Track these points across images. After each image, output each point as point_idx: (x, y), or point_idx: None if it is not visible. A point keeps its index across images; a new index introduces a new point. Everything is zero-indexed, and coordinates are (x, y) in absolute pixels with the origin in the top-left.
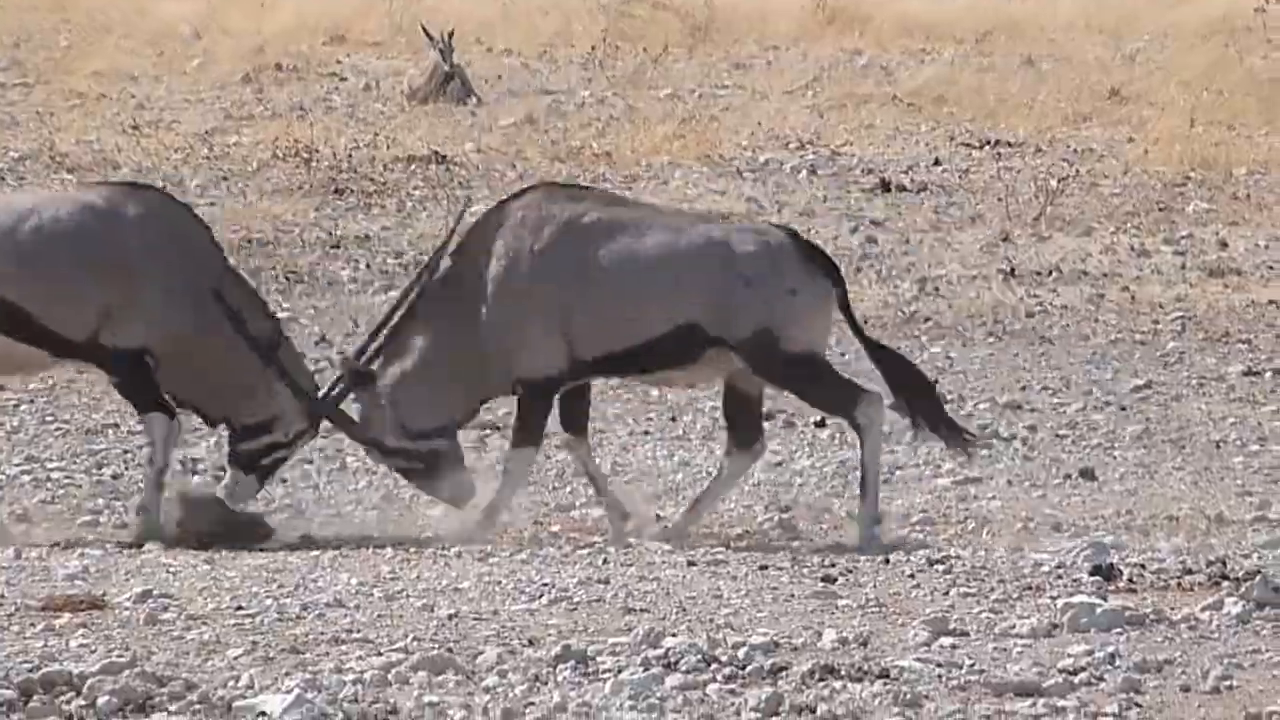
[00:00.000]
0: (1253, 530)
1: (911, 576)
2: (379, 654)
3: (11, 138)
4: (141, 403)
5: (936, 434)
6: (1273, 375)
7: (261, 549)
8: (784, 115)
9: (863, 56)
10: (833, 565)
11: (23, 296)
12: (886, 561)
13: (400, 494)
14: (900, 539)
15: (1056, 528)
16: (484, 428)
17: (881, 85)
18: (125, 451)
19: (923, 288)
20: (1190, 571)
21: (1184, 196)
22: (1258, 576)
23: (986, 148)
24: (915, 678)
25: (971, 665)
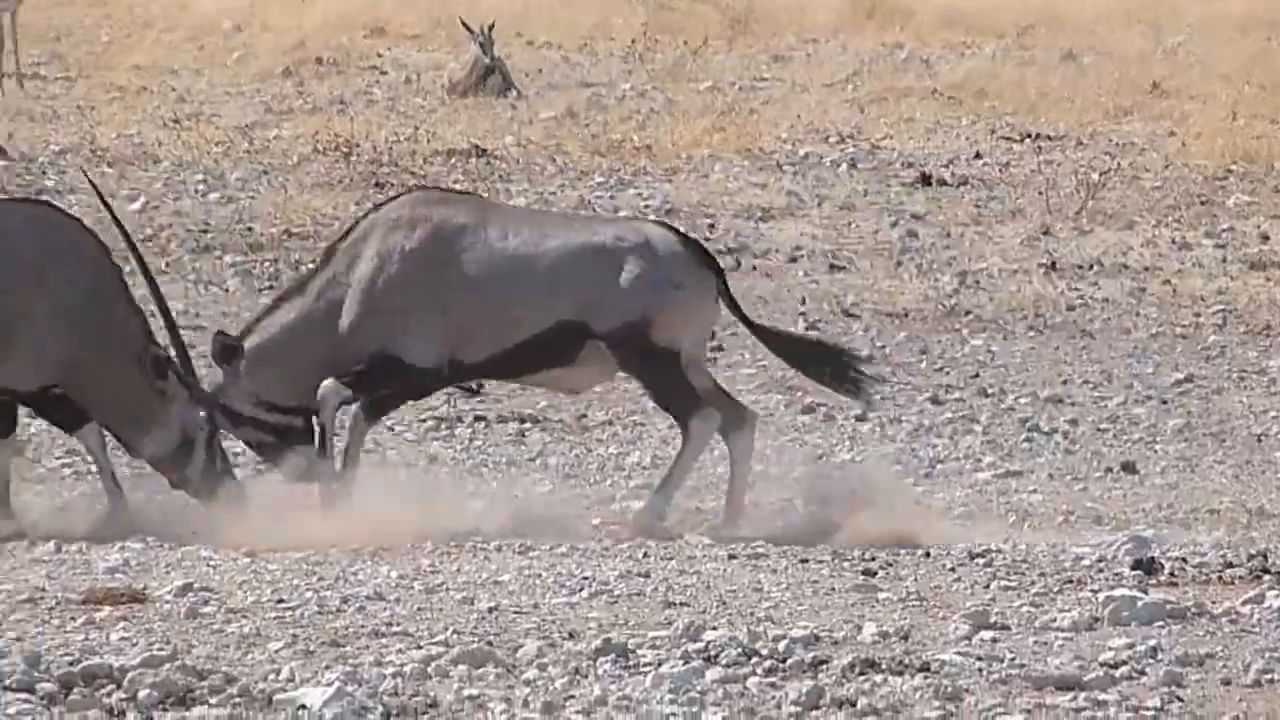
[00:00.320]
0: None
1: (952, 570)
2: (419, 647)
3: (53, 131)
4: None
5: (851, 392)
6: None
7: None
8: (824, 108)
9: (903, 50)
10: (873, 559)
11: None
12: (927, 555)
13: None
14: (940, 532)
15: (1097, 521)
16: (522, 420)
17: (922, 79)
18: None
19: (963, 281)
20: (1231, 565)
21: (1225, 190)
22: None
23: (1027, 141)
24: (956, 671)
25: (1012, 659)
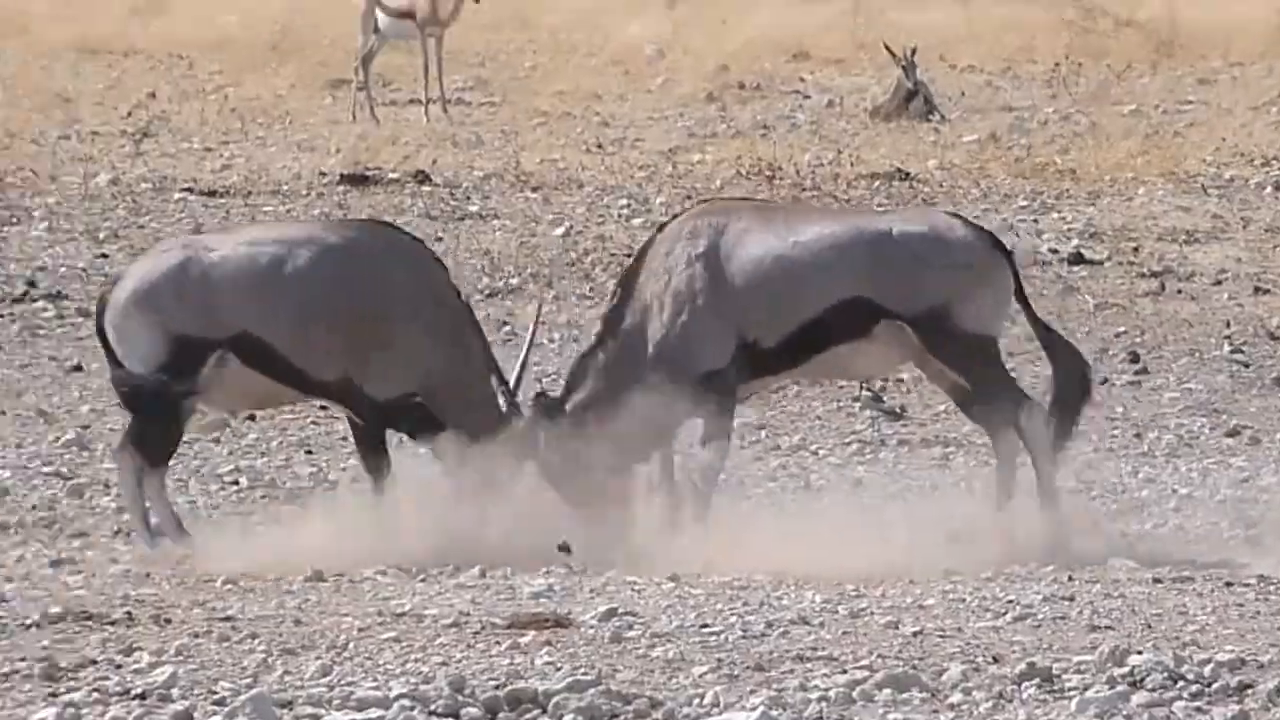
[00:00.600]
0: None
1: None
2: (843, 671)
3: (477, 156)
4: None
5: (1060, 430)
6: None
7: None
8: (1249, 131)
9: None
10: None
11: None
12: None
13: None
14: None
15: None
16: (946, 444)
17: None
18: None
19: None
20: None
21: None
22: None
23: None
24: None
25: None
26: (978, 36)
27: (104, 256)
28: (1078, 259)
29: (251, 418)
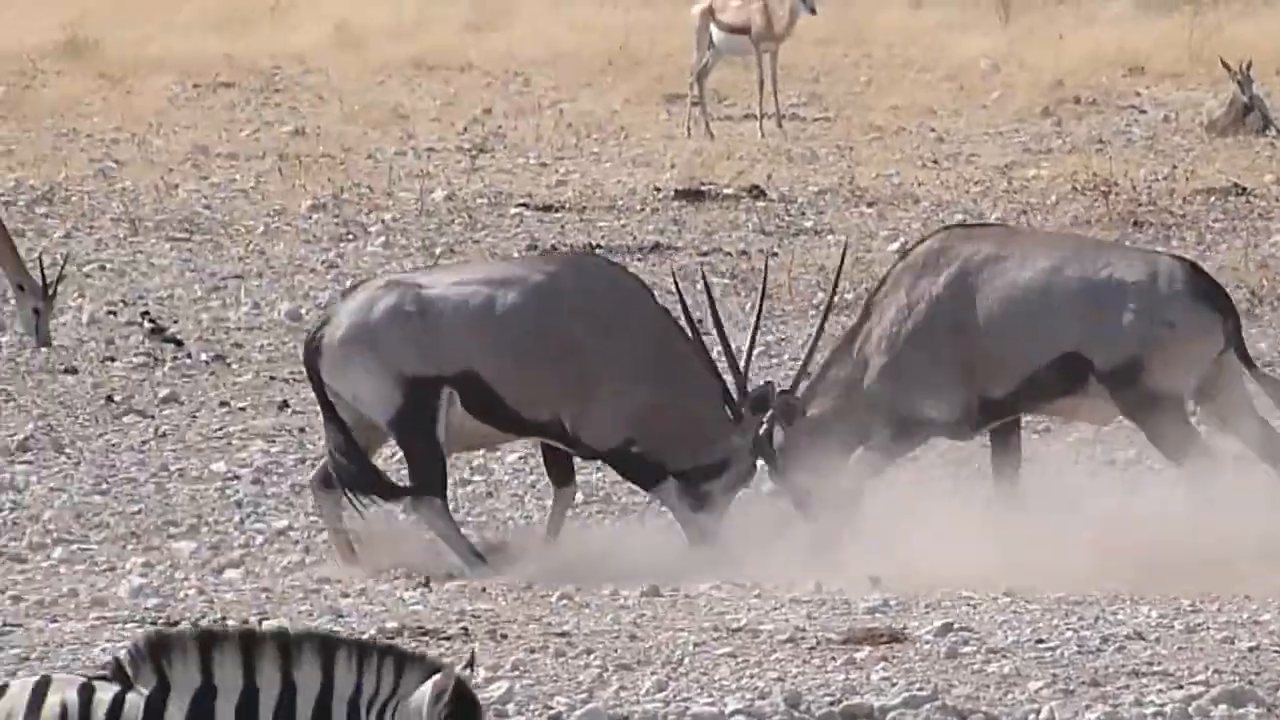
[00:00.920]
0: None
1: None
2: (1179, 687)
3: (812, 171)
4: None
5: None
6: None
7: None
8: None
9: None
10: None
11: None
12: None
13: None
14: None
15: None
16: None
17: None
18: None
19: None
20: None
21: None
22: None
23: None
24: None
25: None
26: None
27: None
28: None
29: None
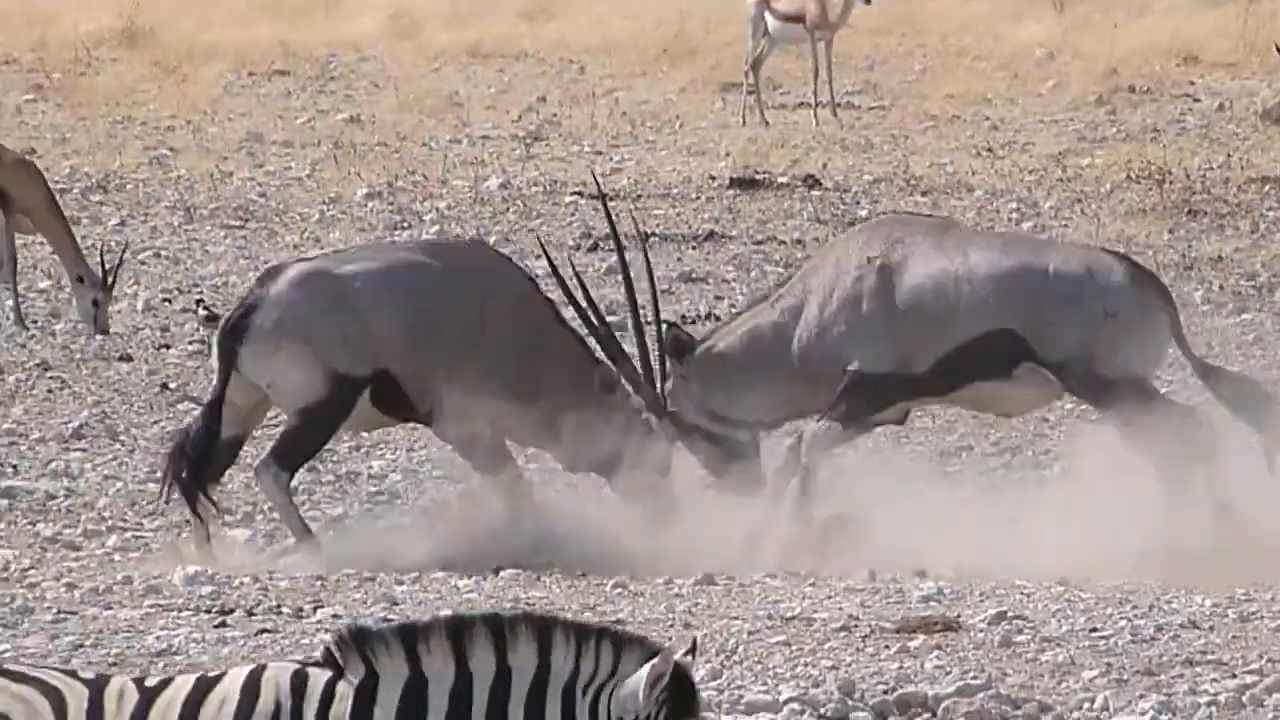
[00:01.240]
0: None
1: None
2: (1233, 676)
3: (867, 161)
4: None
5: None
6: None
7: None
8: None
9: None
10: None
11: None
12: None
13: None
14: None
15: None
16: None
17: None
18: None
19: None
20: None
21: None
22: None
23: None
24: None
25: None
26: None
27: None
28: None
29: None
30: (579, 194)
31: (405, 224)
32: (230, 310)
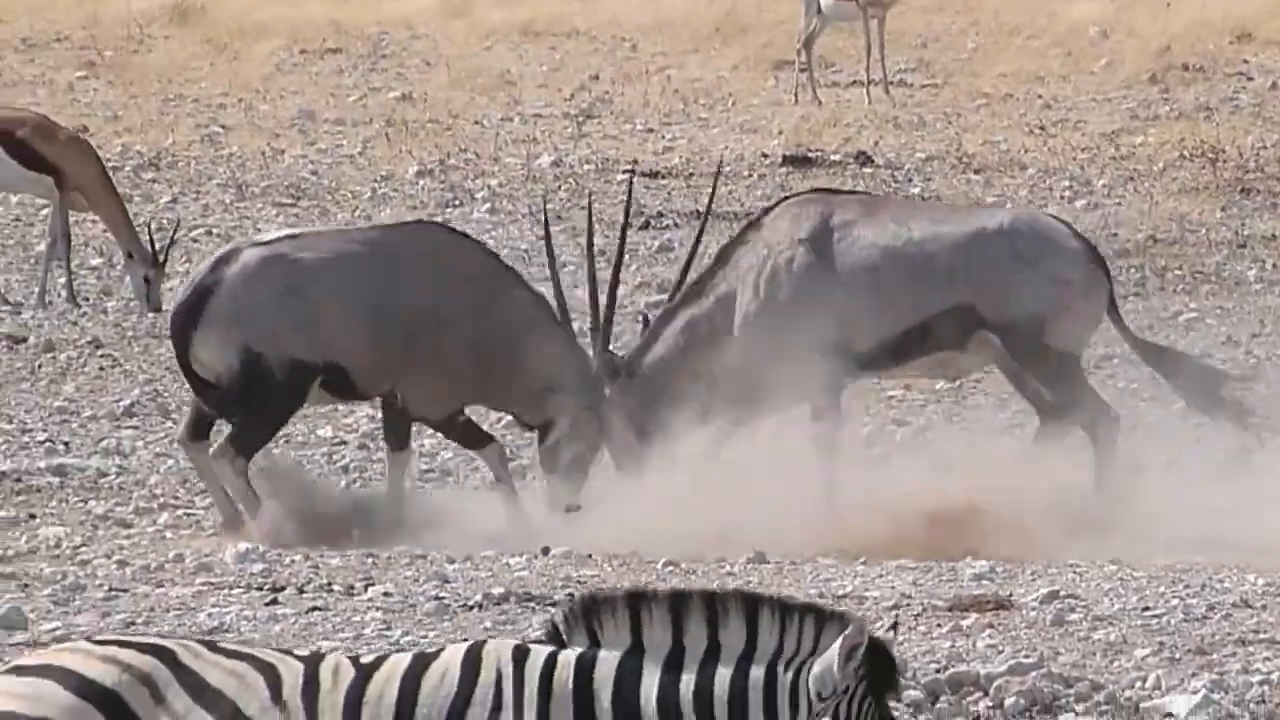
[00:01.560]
0: None
1: None
2: None
3: (919, 139)
4: None
5: (1217, 417)
6: None
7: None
8: None
9: None
10: None
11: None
12: None
13: None
14: None
15: None
16: None
17: None
18: None
19: None
20: None
21: None
22: None
23: None
24: None
25: None
26: None
27: (545, 238)
28: None
29: None
30: (630, 172)
31: (457, 201)
32: (184, 294)
